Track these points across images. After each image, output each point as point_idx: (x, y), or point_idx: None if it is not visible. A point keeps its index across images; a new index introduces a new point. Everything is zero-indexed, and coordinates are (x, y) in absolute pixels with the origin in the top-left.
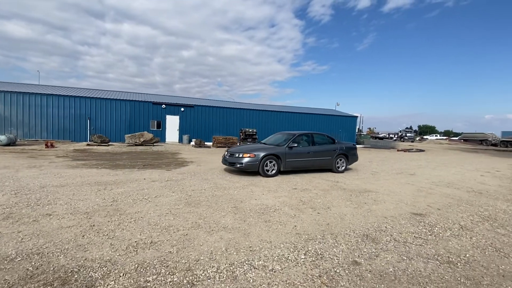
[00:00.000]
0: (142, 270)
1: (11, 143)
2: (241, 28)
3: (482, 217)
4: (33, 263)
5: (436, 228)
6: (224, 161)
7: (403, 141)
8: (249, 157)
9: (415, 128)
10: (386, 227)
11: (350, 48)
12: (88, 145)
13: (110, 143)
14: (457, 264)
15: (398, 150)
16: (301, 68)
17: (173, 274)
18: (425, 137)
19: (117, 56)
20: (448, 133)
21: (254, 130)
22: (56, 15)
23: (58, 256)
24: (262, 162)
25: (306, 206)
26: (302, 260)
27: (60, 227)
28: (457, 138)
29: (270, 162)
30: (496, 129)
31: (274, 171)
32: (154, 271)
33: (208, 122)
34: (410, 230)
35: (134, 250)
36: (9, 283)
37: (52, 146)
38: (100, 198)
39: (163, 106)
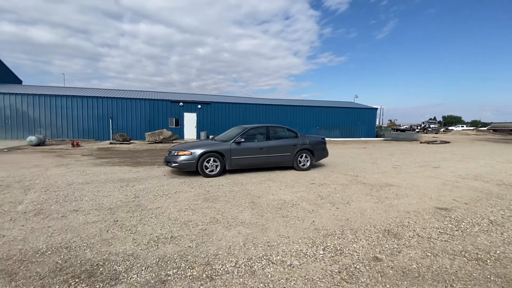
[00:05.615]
0: (163, 264)
1: (40, 143)
2: (255, 22)
3: None
4: (62, 257)
5: (463, 223)
6: (164, 159)
7: (427, 133)
8: (184, 155)
9: (439, 119)
10: (408, 222)
11: (369, 37)
12: (111, 143)
13: (131, 141)
14: (487, 261)
15: (421, 142)
16: (318, 60)
17: (192, 268)
18: (450, 128)
19: (135, 56)
20: (475, 123)
21: None
22: (76, 18)
23: (84, 250)
24: (201, 160)
25: (324, 201)
26: (321, 255)
27: (86, 223)
28: (485, 128)
29: (212, 160)
30: None
31: (216, 171)
32: (174, 265)
33: (224, 118)
34: (435, 225)
35: (155, 244)
36: (40, 275)
37: (77, 145)
38: (122, 195)
39: (181, 104)
